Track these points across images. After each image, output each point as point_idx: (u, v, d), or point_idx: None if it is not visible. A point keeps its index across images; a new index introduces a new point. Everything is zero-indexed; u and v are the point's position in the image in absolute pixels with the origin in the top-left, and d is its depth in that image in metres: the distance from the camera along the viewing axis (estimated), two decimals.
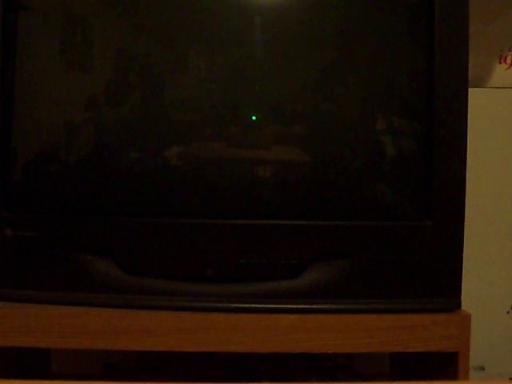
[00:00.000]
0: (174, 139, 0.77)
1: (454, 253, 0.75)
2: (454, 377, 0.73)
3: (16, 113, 0.76)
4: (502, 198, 1.11)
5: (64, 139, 0.78)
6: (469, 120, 0.74)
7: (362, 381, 0.94)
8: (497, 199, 1.11)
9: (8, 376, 0.57)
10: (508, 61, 1.09)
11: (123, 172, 0.77)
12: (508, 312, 1.12)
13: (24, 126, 0.77)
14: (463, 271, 0.75)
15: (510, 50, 1.09)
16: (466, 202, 0.74)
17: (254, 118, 0.77)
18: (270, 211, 0.76)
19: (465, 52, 0.74)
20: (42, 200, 0.77)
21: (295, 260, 0.74)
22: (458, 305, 0.75)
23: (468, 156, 0.74)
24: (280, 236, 0.74)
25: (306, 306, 0.74)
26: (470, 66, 0.74)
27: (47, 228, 0.75)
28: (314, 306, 0.74)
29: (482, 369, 1.11)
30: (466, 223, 0.75)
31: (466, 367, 0.73)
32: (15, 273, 0.75)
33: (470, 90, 0.74)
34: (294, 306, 0.74)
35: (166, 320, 0.72)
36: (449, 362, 0.74)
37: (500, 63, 1.09)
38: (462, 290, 0.75)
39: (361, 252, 0.75)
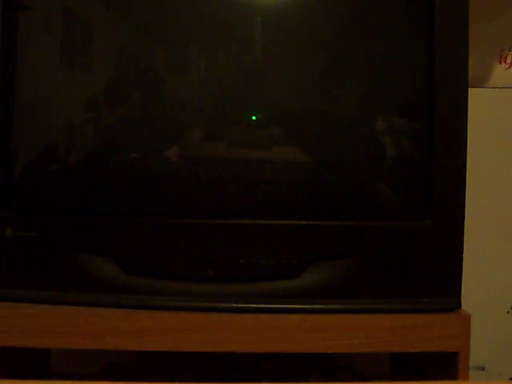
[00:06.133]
0: (174, 139, 0.77)
1: (454, 253, 0.75)
2: (454, 377, 0.73)
3: (16, 113, 0.76)
4: (502, 197, 1.11)
5: (64, 139, 0.78)
6: (469, 120, 0.74)
7: (362, 381, 0.94)
8: (497, 199, 1.11)
9: (8, 376, 0.57)
10: (508, 61, 1.09)
11: (123, 172, 0.77)
12: (508, 312, 1.12)
13: (24, 125, 0.77)
14: (463, 271, 0.75)
15: (510, 50, 1.09)
16: (466, 202, 0.74)
17: (254, 117, 0.77)
18: (270, 211, 0.76)
19: (465, 52, 0.74)
20: (41, 200, 0.77)
21: (295, 260, 0.74)
22: (458, 305, 0.75)
23: (468, 156, 0.74)
24: (280, 236, 0.74)
25: (306, 306, 0.74)
26: (470, 66, 0.74)
27: (47, 228, 0.75)
28: (314, 306, 0.74)
29: (482, 369, 1.11)
30: (466, 223, 0.75)
31: (465, 367, 0.73)
32: (15, 273, 0.75)
33: (470, 90, 0.74)
34: (294, 306, 0.74)
35: (165, 320, 0.72)
36: (449, 362, 0.74)
37: (500, 63, 1.09)
38: (462, 289, 0.75)
39: (361, 252, 0.75)
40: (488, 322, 1.09)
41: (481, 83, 1.08)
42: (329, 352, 0.75)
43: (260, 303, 0.74)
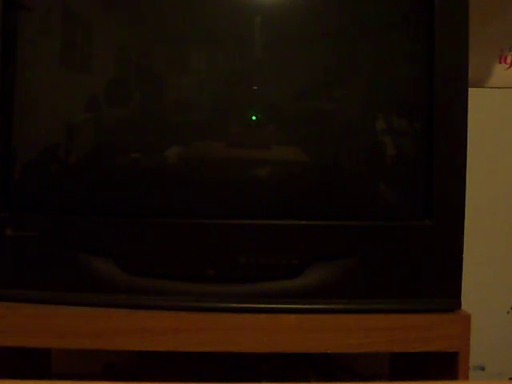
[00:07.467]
0: (174, 139, 0.77)
1: (454, 253, 0.75)
2: (454, 377, 0.73)
3: (16, 113, 0.76)
4: (502, 197, 1.11)
5: (64, 139, 0.78)
6: (469, 120, 0.74)
7: (362, 381, 0.94)
8: (497, 199, 1.11)
9: (8, 376, 0.57)
10: (508, 61, 1.09)
11: (123, 172, 0.77)
12: (508, 312, 1.12)
13: (24, 126, 0.77)
14: (463, 271, 0.75)
15: (510, 50, 1.09)
16: (466, 202, 0.74)
17: (254, 117, 0.77)
18: (270, 211, 0.76)
19: (465, 52, 0.74)
20: (42, 200, 0.77)
21: (295, 260, 0.74)
22: (458, 305, 0.75)
23: (468, 156, 0.74)
24: (280, 236, 0.74)
25: (306, 306, 0.74)
26: (470, 65, 0.74)
27: (47, 228, 0.75)
28: (314, 306, 0.74)
29: (482, 369, 1.11)
30: (466, 223, 0.75)
31: (465, 367, 0.73)
32: (15, 273, 0.75)
33: (470, 90, 0.74)
34: (294, 306, 0.74)
35: (165, 320, 0.72)
36: (449, 361, 0.74)
37: (500, 63, 1.09)
38: (462, 289, 0.75)
39: (361, 252, 0.74)
40: (488, 321, 1.09)
41: (481, 83, 1.08)
42: (329, 352, 0.75)
43: (260, 303, 0.74)
